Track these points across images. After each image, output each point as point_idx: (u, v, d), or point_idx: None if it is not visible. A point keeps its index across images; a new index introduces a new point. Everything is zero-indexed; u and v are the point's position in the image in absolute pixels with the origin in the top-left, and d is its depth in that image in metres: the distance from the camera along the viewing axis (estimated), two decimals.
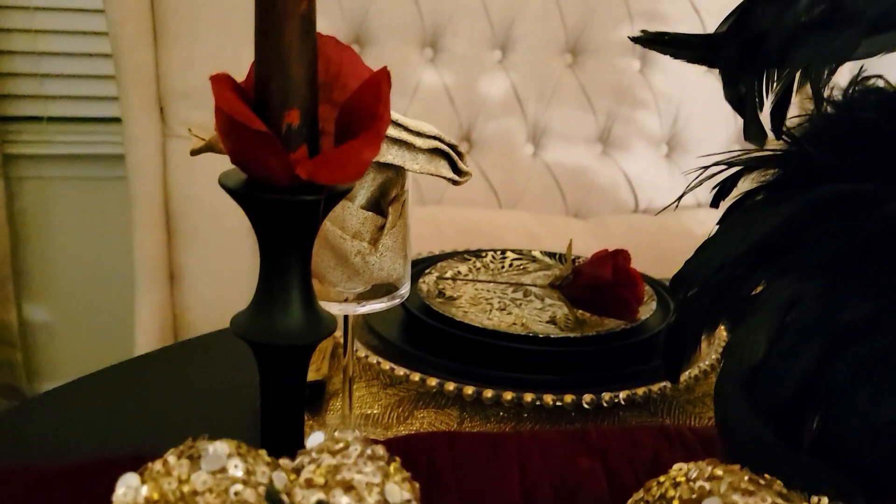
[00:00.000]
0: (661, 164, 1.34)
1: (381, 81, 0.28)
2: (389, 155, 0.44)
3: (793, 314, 0.33)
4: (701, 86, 1.32)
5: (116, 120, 1.11)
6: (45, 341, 1.87)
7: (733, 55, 0.36)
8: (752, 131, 0.37)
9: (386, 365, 0.59)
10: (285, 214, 0.29)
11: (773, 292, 0.34)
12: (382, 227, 0.47)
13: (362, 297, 0.50)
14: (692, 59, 0.38)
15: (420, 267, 0.74)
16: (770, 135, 0.43)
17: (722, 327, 0.52)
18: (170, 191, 1.11)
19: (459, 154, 0.46)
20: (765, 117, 0.43)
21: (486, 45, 1.24)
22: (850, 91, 0.43)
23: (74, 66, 1.71)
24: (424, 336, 0.63)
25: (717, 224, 0.47)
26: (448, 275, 0.73)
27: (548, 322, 0.65)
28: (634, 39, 0.38)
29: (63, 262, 1.84)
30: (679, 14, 1.29)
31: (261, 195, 0.29)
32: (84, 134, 1.76)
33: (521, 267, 0.77)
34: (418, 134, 0.44)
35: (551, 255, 0.79)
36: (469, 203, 1.24)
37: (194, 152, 0.45)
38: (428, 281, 0.70)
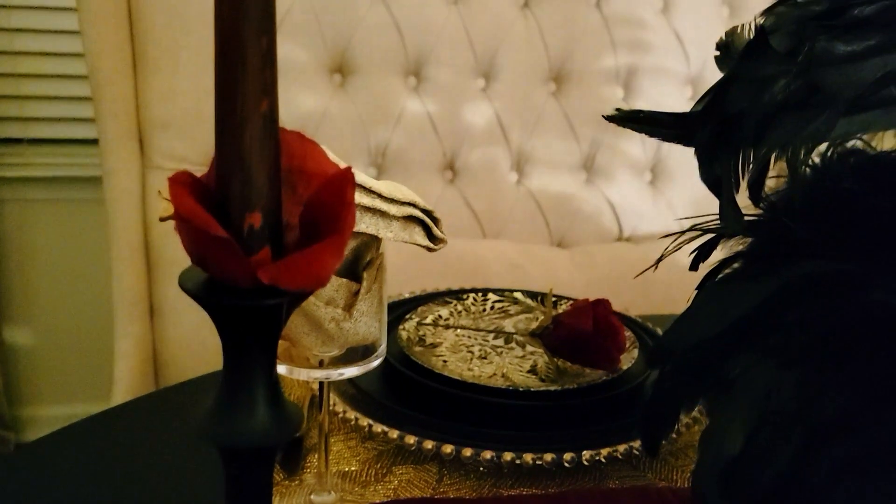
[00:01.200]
0: (644, 190, 1.34)
1: (345, 182, 0.28)
2: (363, 224, 0.43)
3: (771, 405, 0.32)
4: None
5: (97, 142, 1.10)
6: (27, 365, 1.85)
7: (709, 135, 0.35)
8: (729, 215, 0.37)
9: (364, 421, 0.58)
10: (247, 318, 0.28)
11: (751, 379, 0.33)
12: (357, 292, 0.46)
13: (337, 360, 0.49)
14: (667, 138, 0.38)
15: (401, 311, 0.73)
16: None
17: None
18: (150, 223, 1.09)
19: (435, 220, 0.45)
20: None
21: (469, 73, 1.24)
22: (829, 154, 0.43)
23: (54, 89, 1.70)
24: (404, 387, 0.62)
25: (696, 289, 0.46)
26: (428, 320, 0.72)
27: (528, 371, 0.65)
28: (608, 118, 0.38)
29: (44, 285, 1.82)
30: (662, 43, 1.29)
31: (221, 299, 0.28)
32: (64, 156, 1.75)
33: (503, 310, 0.76)
34: (392, 201, 0.44)
35: (533, 296, 0.79)
36: (453, 232, 1.23)
37: (163, 219, 0.44)
38: (408, 327, 0.69)
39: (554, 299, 0.77)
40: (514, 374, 0.64)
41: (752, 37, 0.35)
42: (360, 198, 0.43)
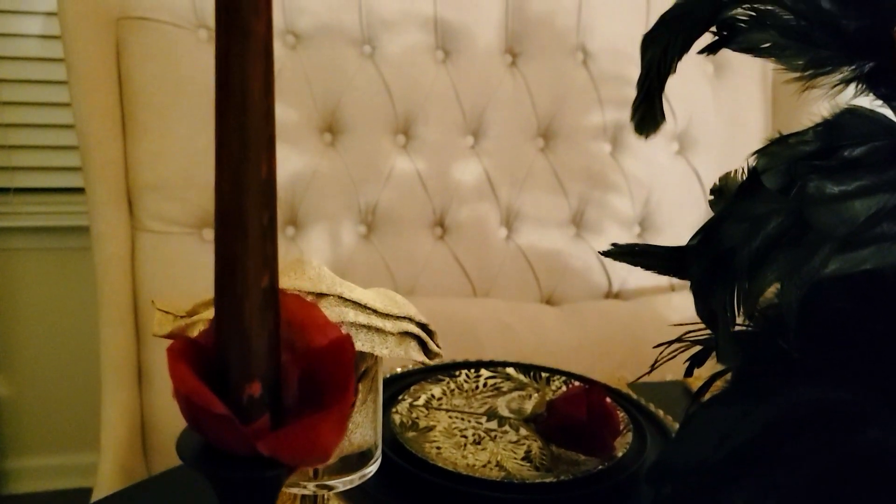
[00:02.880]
0: None
1: (345, 350, 0.28)
2: (358, 341, 0.43)
3: None
4: (671, 170, 1.33)
5: (84, 190, 1.09)
6: (11, 416, 1.82)
7: (703, 271, 0.35)
8: (726, 352, 0.37)
9: None
10: (246, 486, 0.28)
11: None
12: (353, 404, 0.46)
13: (332, 469, 0.49)
14: (662, 271, 0.38)
15: (393, 390, 0.73)
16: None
17: None
18: (138, 287, 1.09)
19: (431, 333, 0.45)
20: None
21: (458, 131, 1.25)
22: None
23: (41, 138, 1.70)
24: (398, 476, 0.61)
25: (693, 399, 0.46)
26: (421, 401, 0.72)
27: (523, 459, 0.64)
28: (604, 253, 0.38)
29: (30, 335, 1.80)
30: None
31: (219, 470, 0.27)
32: (51, 205, 1.74)
33: (496, 387, 0.76)
34: (387, 316, 0.43)
35: (526, 370, 0.79)
36: (443, 290, 1.23)
37: (157, 336, 0.44)
38: (401, 410, 0.69)
39: (546, 375, 0.77)
40: (508, 461, 0.64)
41: (744, 177, 0.35)
42: (355, 316, 0.42)
